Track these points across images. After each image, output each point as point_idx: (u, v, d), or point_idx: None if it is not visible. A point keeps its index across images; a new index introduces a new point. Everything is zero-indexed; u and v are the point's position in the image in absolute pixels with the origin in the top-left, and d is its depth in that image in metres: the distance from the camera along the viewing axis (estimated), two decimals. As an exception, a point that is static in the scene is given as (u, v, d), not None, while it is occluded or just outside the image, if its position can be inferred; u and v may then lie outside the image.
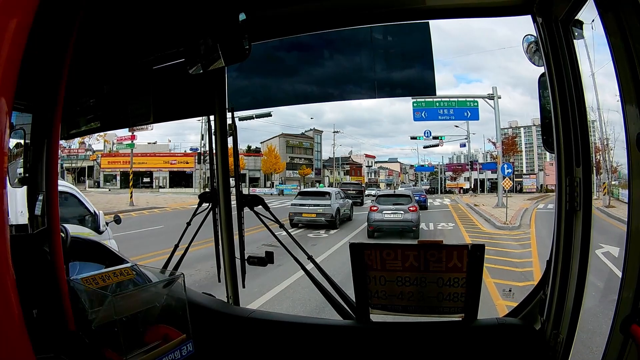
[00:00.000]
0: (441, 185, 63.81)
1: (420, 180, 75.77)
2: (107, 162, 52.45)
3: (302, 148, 66.54)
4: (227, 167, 2.17)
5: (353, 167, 74.86)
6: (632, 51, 1.09)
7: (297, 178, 59.62)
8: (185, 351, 1.38)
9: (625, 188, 19.14)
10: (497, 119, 28.05)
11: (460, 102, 28.40)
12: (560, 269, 1.57)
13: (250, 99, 2.51)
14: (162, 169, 52.73)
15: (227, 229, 2.17)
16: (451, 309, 1.74)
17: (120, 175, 50.41)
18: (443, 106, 28.13)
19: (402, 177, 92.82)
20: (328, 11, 1.90)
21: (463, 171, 66.49)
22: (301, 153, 66.15)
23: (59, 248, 1.17)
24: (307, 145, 67.37)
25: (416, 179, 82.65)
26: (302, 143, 66.67)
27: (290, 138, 65.66)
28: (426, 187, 72.16)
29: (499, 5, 1.77)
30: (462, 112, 28.33)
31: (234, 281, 2.17)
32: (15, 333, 0.65)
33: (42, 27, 0.74)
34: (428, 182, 76.73)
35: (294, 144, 66.00)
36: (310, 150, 67.57)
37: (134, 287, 1.40)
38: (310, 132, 68.54)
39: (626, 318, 1.12)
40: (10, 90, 0.61)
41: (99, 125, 2.40)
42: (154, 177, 52.77)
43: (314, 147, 68.21)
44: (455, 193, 59.67)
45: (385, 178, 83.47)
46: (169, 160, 53.47)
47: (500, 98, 27.55)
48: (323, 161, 70.20)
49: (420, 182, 73.50)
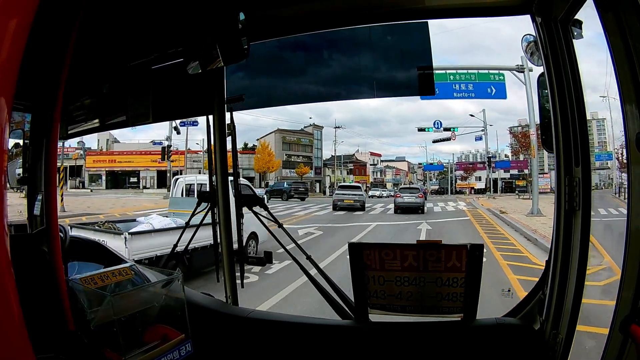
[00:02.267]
0: (451, 185, 61.02)
1: (429, 180, 72.78)
2: (92, 160, 49.01)
3: (300, 145, 60.65)
4: (225, 166, 2.17)
5: (357, 166, 69.98)
6: (632, 51, 1.09)
7: (295, 178, 52.83)
8: (184, 351, 1.38)
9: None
10: (530, 96, 17.68)
11: (482, 74, 19.61)
12: (560, 268, 1.57)
13: (249, 99, 2.51)
14: (150, 168, 47.51)
15: (225, 228, 2.17)
16: (450, 309, 1.74)
17: (106, 175, 47.93)
18: (459, 80, 19.69)
19: (409, 177, 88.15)
20: (327, 11, 1.90)
21: (475, 170, 62.98)
22: (299, 150, 60.43)
23: (57, 248, 1.17)
24: (306, 141, 61.52)
25: (424, 178, 78.55)
26: (300, 139, 60.68)
27: (287, 134, 59.51)
28: (435, 187, 69.23)
29: (497, 5, 1.77)
30: (485, 88, 19.49)
31: (232, 281, 2.17)
32: (15, 333, 0.65)
33: (42, 27, 0.74)
34: (437, 181, 73.95)
35: (291, 140, 59.91)
36: (309, 147, 61.80)
37: (132, 287, 1.40)
38: (310, 127, 62.60)
39: (626, 318, 1.12)
40: (10, 90, 0.61)
41: (98, 125, 2.40)
42: (140, 177, 48.51)
43: (314, 144, 62.60)
44: (465, 193, 58.06)
45: (392, 177, 79.10)
46: (156, 158, 45.60)
47: (531, 71, 17.46)
48: (324, 160, 64.51)
49: (429, 182, 70.56)
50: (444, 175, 68.02)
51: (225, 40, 1.73)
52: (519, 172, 56.18)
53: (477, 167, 62.65)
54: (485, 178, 50.37)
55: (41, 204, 1.90)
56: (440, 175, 72.70)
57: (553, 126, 1.58)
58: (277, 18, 1.95)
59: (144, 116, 2.24)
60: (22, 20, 0.62)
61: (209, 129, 2.14)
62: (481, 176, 60.45)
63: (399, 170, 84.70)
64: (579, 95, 1.50)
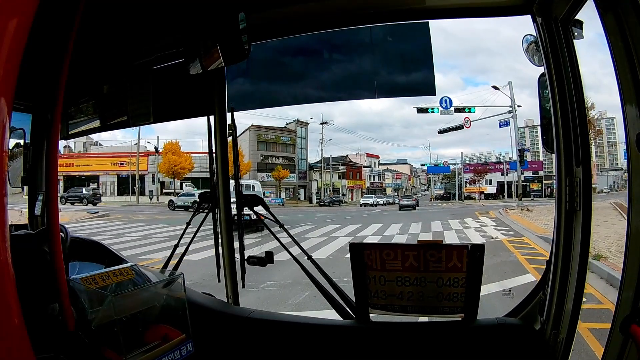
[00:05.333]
0: (459, 189, 54.62)
1: (433, 184, 66.18)
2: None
3: (280, 144, 50.75)
4: (226, 167, 2.17)
5: (350, 168, 59.13)
6: (632, 51, 1.09)
7: (272, 183, 45.98)
8: (185, 351, 1.38)
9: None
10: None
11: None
12: (560, 269, 1.57)
13: (250, 99, 2.52)
14: (109, 172, 41.85)
15: (226, 229, 2.17)
16: (451, 309, 1.74)
17: (64, 180, 39.93)
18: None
19: (412, 181, 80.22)
20: (328, 11, 1.90)
21: (486, 172, 54.53)
22: (279, 150, 50.51)
23: (58, 248, 1.17)
24: (287, 140, 51.28)
25: (428, 182, 71.91)
26: (279, 138, 50.56)
27: (264, 131, 49.15)
28: (440, 192, 61.27)
29: (498, 5, 1.77)
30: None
31: (233, 281, 2.17)
32: (15, 333, 0.65)
33: (42, 27, 0.74)
34: (442, 185, 65.97)
35: (269, 138, 49.76)
36: (291, 146, 51.63)
37: (133, 287, 1.40)
38: (292, 124, 52.39)
39: (626, 318, 1.12)
40: (10, 90, 0.61)
41: (99, 125, 2.40)
42: (100, 182, 41.61)
43: (298, 143, 52.51)
44: (474, 199, 51.53)
45: (392, 182, 69.42)
46: (117, 161, 41.58)
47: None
48: (310, 162, 54.54)
49: (433, 187, 63.94)
50: (450, 179, 61.37)
51: (226, 40, 1.74)
52: (534, 174, 51.62)
53: (487, 169, 55.28)
54: (513, 180, 41.19)
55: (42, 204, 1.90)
56: (446, 179, 64.83)
57: (553, 126, 1.58)
58: (277, 18, 1.95)
59: (144, 117, 2.24)
60: (22, 20, 0.62)
61: (209, 129, 2.14)
62: (492, 179, 54.50)
63: (400, 174, 75.18)
64: (579, 95, 1.50)
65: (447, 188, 61.33)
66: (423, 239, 8.39)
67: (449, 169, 58.39)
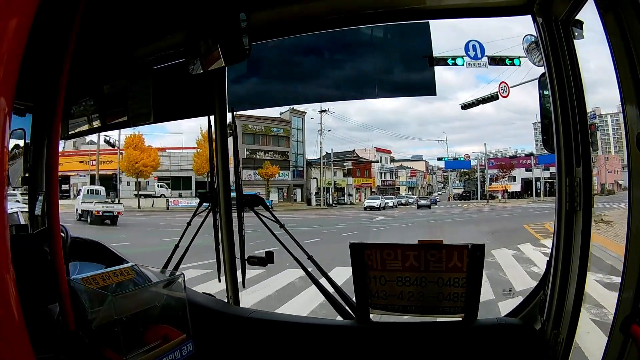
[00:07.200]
0: (480, 188, 47.57)
1: (451, 183, 60.41)
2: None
3: (270, 136, 42.04)
4: (227, 167, 2.17)
5: (357, 165, 49.34)
6: (632, 51, 1.09)
7: (260, 182, 38.30)
8: (186, 351, 1.38)
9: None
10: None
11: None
12: (561, 269, 1.57)
13: (250, 99, 2.52)
14: (80, 173, 35.96)
15: (227, 229, 2.17)
16: (451, 309, 1.74)
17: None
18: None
19: (428, 179, 68.82)
20: (328, 11, 1.90)
21: (513, 168, 47.02)
22: (269, 144, 41.89)
23: (59, 248, 1.17)
24: (279, 132, 42.61)
25: (445, 180, 65.11)
26: (270, 129, 41.73)
27: (251, 121, 39.88)
28: (458, 190, 56.32)
29: (498, 5, 1.77)
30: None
31: (234, 281, 2.17)
32: (15, 333, 0.65)
33: (42, 27, 0.74)
34: (461, 184, 59.43)
35: (257, 130, 40.92)
36: (284, 139, 43.01)
37: (134, 287, 1.40)
38: (286, 114, 43.26)
39: (626, 318, 1.11)
40: (10, 90, 0.61)
41: (99, 125, 2.40)
42: (71, 183, 35.45)
43: (293, 135, 44.10)
44: (498, 198, 45.11)
45: (406, 180, 59.12)
46: (88, 160, 35.34)
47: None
48: (310, 158, 45.32)
49: (451, 185, 58.65)
50: (469, 176, 55.16)
51: (227, 40, 1.74)
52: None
53: (512, 164, 47.48)
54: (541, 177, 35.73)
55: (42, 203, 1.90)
56: (465, 177, 58.35)
57: (554, 126, 1.58)
58: (277, 18, 1.95)
59: (144, 117, 2.24)
60: (22, 20, 0.62)
61: (210, 129, 2.14)
62: (515, 176, 47.72)
63: (414, 171, 63.20)
64: (579, 95, 1.50)
65: (466, 186, 55.21)
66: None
67: (469, 164, 49.79)
